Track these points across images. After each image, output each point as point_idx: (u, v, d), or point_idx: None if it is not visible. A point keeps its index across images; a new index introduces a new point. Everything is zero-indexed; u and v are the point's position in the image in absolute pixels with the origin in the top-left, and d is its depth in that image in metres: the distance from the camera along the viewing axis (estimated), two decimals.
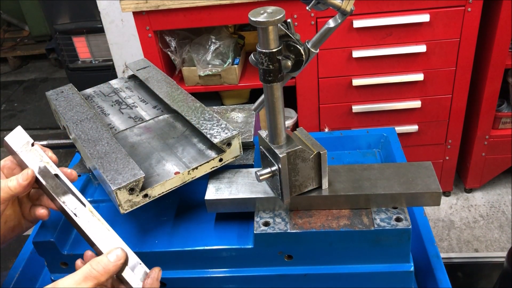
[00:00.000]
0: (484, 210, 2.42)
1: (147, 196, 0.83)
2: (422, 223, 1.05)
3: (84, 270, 0.69)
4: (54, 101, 1.07)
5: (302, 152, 0.81)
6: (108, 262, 0.70)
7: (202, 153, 0.91)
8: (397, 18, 1.90)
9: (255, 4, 1.88)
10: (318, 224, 0.83)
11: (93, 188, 1.03)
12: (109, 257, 0.70)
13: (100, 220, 0.77)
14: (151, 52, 2.08)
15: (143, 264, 0.74)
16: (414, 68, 2.03)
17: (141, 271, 0.73)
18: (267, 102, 0.79)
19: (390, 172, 0.87)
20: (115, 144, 0.90)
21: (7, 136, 0.87)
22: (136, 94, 1.15)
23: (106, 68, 3.01)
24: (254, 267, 0.88)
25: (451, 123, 2.19)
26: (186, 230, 0.91)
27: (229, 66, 2.12)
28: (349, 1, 0.72)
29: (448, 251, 2.22)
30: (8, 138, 0.87)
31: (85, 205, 0.78)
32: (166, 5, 1.91)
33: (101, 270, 0.69)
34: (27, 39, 4.40)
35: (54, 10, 3.02)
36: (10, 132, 0.87)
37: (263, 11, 0.71)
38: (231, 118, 1.07)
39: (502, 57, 2.00)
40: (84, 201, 0.79)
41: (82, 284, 0.68)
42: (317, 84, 2.09)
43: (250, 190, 0.88)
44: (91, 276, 0.69)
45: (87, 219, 0.77)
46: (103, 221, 0.77)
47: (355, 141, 1.20)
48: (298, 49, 0.74)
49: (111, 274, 0.70)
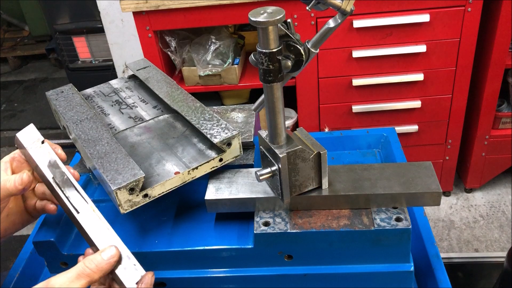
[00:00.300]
0: (484, 210, 2.42)
1: (147, 196, 0.83)
2: (422, 223, 1.05)
3: (77, 268, 0.70)
4: (54, 101, 1.07)
5: (302, 152, 0.81)
6: (102, 260, 0.70)
7: (202, 153, 0.91)
8: (397, 18, 1.90)
9: (255, 4, 1.88)
10: (318, 224, 0.83)
11: (93, 188, 1.03)
12: (103, 255, 0.71)
13: (101, 218, 0.77)
14: (151, 52, 2.09)
15: (138, 265, 0.73)
16: (414, 68, 2.03)
17: (135, 272, 0.72)
18: (267, 102, 0.79)
19: (390, 172, 0.87)
20: (115, 144, 0.90)
21: (19, 133, 0.89)
22: (136, 94, 1.15)
23: (106, 68, 3.01)
24: (254, 267, 0.88)
25: (451, 123, 2.19)
26: (186, 230, 0.91)
27: (229, 66, 2.12)
28: (349, 1, 0.72)
29: (448, 251, 2.22)
30: (19, 134, 0.89)
31: (88, 203, 0.79)
32: (166, 5, 1.91)
33: (94, 268, 0.69)
34: (27, 39, 4.40)
35: (54, 10, 3.02)
36: (23, 129, 0.90)
37: (263, 11, 0.71)
38: (231, 118, 1.07)
39: (502, 57, 2.00)
40: (87, 199, 0.79)
41: (75, 282, 0.68)
42: (317, 84, 2.09)
43: (250, 190, 0.88)
44: (84, 274, 0.69)
45: (88, 216, 0.77)
46: (103, 219, 0.77)
47: (355, 141, 1.20)
48: (298, 49, 0.74)
49: (104, 272, 0.70)
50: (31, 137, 0.88)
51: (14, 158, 0.87)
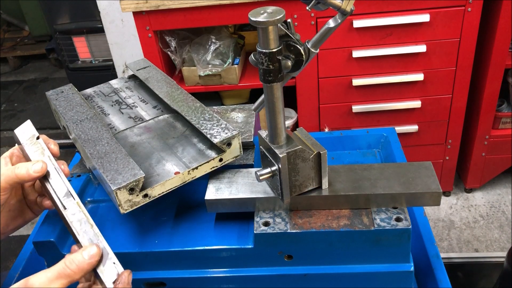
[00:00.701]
0: (484, 210, 2.42)
1: (147, 196, 0.83)
2: (422, 223, 1.05)
3: (58, 267, 0.69)
4: (54, 101, 1.07)
5: (302, 152, 0.81)
6: (83, 259, 0.69)
7: (202, 153, 0.91)
8: (397, 18, 1.90)
9: (255, 4, 1.88)
10: (318, 224, 0.83)
11: (93, 188, 1.03)
12: (84, 254, 0.69)
13: (86, 215, 0.77)
14: (151, 52, 2.09)
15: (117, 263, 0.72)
16: (414, 68, 2.03)
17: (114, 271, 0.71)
18: (267, 102, 0.79)
19: (390, 172, 0.87)
20: (115, 144, 0.90)
21: (16, 129, 0.91)
22: (136, 94, 1.15)
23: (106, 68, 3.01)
24: (254, 267, 0.88)
25: (451, 123, 2.19)
26: (186, 230, 0.91)
27: (229, 66, 2.12)
28: (349, 1, 0.72)
29: (448, 251, 2.22)
30: (17, 131, 0.91)
31: (75, 199, 0.79)
32: (166, 5, 1.91)
33: (75, 268, 0.68)
34: (27, 39, 4.40)
35: (54, 10, 3.02)
36: (20, 125, 0.91)
37: (263, 11, 0.71)
38: (231, 118, 1.07)
39: (502, 57, 2.00)
40: (74, 196, 0.80)
41: (54, 282, 0.67)
42: (317, 84, 2.09)
43: (250, 190, 0.88)
44: (64, 274, 0.68)
45: (74, 213, 0.77)
46: (88, 216, 0.77)
47: (355, 141, 1.20)
48: (298, 49, 0.74)
49: (85, 272, 0.69)
50: (27, 133, 0.89)
51: (14, 153, 0.88)
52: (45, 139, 0.89)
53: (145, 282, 0.91)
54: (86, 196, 1.01)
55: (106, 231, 0.92)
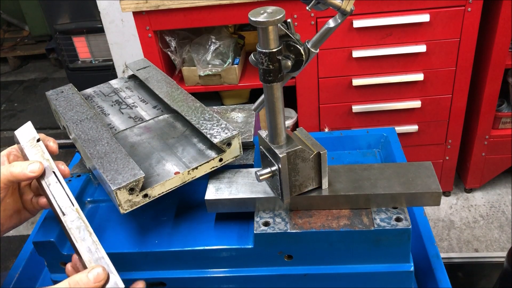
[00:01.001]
0: (484, 210, 2.42)
1: (147, 196, 0.83)
2: (422, 223, 1.06)
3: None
4: (54, 101, 1.07)
5: (302, 152, 0.81)
6: (88, 281, 0.66)
7: (202, 153, 0.91)
8: (397, 18, 1.90)
9: (255, 4, 1.88)
10: (318, 224, 0.83)
11: (93, 188, 1.03)
12: (90, 276, 0.67)
13: (85, 222, 0.77)
14: (151, 52, 2.08)
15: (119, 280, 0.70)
16: (414, 68, 2.03)
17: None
18: (267, 102, 0.79)
19: (390, 172, 0.87)
20: (115, 144, 0.90)
21: (17, 130, 0.91)
22: (136, 94, 1.15)
23: (106, 68, 3.01)
24: (254, 267, 0.88)
25: (451, 123, 2.19)
26: (186, 230, 0.91)
27: (229, 66, 2.12)
28: (349, 1, 0.72)
29: (448, 251, 2.22)
30: (17, 132, 0.91)
31: (74, 205, 0.79)
32: (166, 5, 1.91)
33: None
34: (27, 39, 4.40)
35: (54, 10, 3.02)
36: (21, 127, 0.91)
37: (263, 11, 0.71)
38: (231, 118, 1.07)
39: (502, 57, 2.00)
40: (73, 201, 0.79)
41: None
42: (317, 84, 2.09)
43: (250, 190, 0.88)
44: None
45: (72, 219, 0.77)
46: (87, 223, 0.76)
47: (355, 141, 1.20)
48: (298, 49, 0.74)
49: None
50: (28, 134, 0.89)
51: (11, 152, 0.88)
52: (43, 137, 0.89)
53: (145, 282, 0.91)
54: (86, 196, 1.01)
55: (106, 231, 0.92)
